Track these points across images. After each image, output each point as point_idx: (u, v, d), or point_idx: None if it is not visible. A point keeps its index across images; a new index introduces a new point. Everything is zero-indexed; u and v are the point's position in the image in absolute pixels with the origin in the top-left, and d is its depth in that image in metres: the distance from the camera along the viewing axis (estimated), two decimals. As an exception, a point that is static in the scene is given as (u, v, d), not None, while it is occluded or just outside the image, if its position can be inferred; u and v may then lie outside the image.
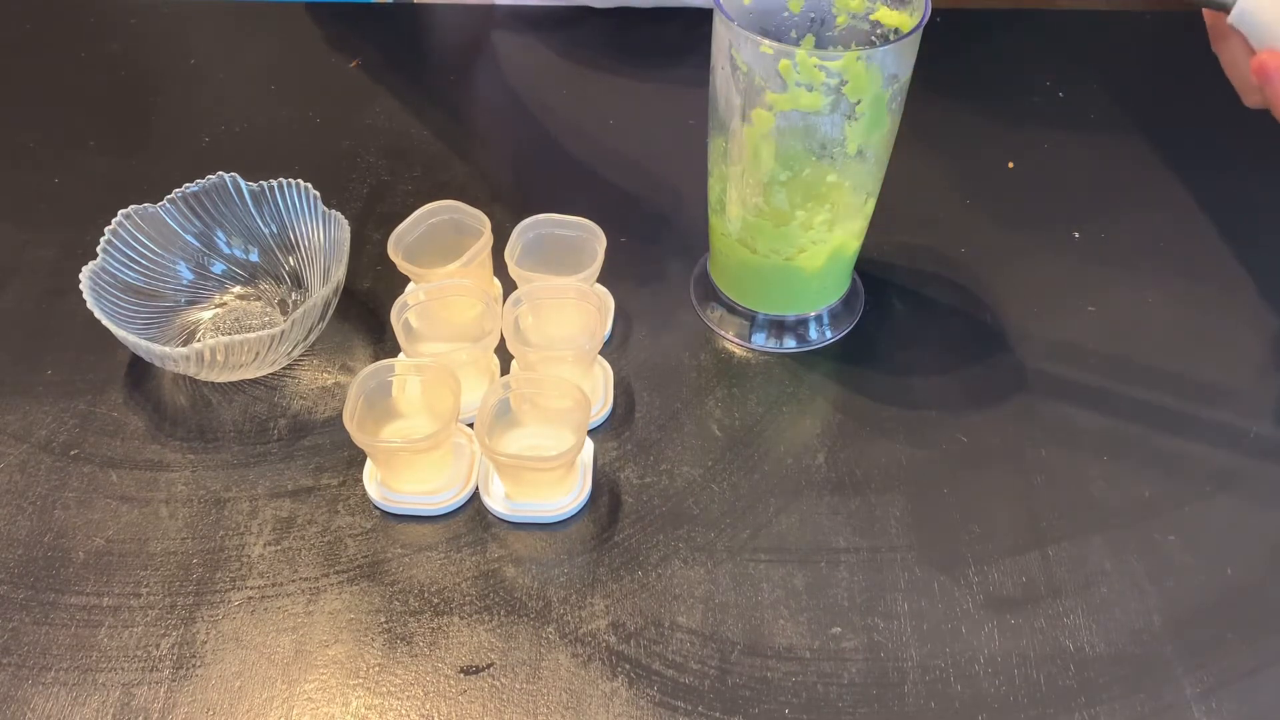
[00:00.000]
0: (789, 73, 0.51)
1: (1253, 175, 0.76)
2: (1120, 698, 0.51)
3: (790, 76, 0.52)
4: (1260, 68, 0.54)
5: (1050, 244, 0.71)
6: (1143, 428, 0.61)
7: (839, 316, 0.66)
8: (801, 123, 0.53)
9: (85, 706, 0.50)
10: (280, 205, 0.66)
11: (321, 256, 0.65)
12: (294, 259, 0.67)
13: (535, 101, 0.81)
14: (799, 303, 0.65)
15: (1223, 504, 0.58)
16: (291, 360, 0.63)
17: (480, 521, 0.57)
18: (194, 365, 0.58)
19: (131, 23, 0.88)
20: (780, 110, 0.53)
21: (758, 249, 0.61)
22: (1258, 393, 0.63)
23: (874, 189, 0.60)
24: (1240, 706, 0.50)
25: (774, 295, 0.64)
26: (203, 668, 0.51)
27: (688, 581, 0.54)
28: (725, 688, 0.51)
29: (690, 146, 0.78)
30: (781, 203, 0.57)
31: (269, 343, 0.58)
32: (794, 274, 0.62)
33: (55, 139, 0.78)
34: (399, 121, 0.80)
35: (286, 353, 0.61)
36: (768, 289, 0.64)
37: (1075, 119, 0.80)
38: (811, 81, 0.52)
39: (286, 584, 0.54)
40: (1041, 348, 0.65)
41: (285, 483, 0.58)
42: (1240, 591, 0.54)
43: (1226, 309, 0.67)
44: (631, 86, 0.83)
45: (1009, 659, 0.52)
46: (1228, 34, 0.57)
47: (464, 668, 0.51)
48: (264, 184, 0.66)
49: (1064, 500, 0.58)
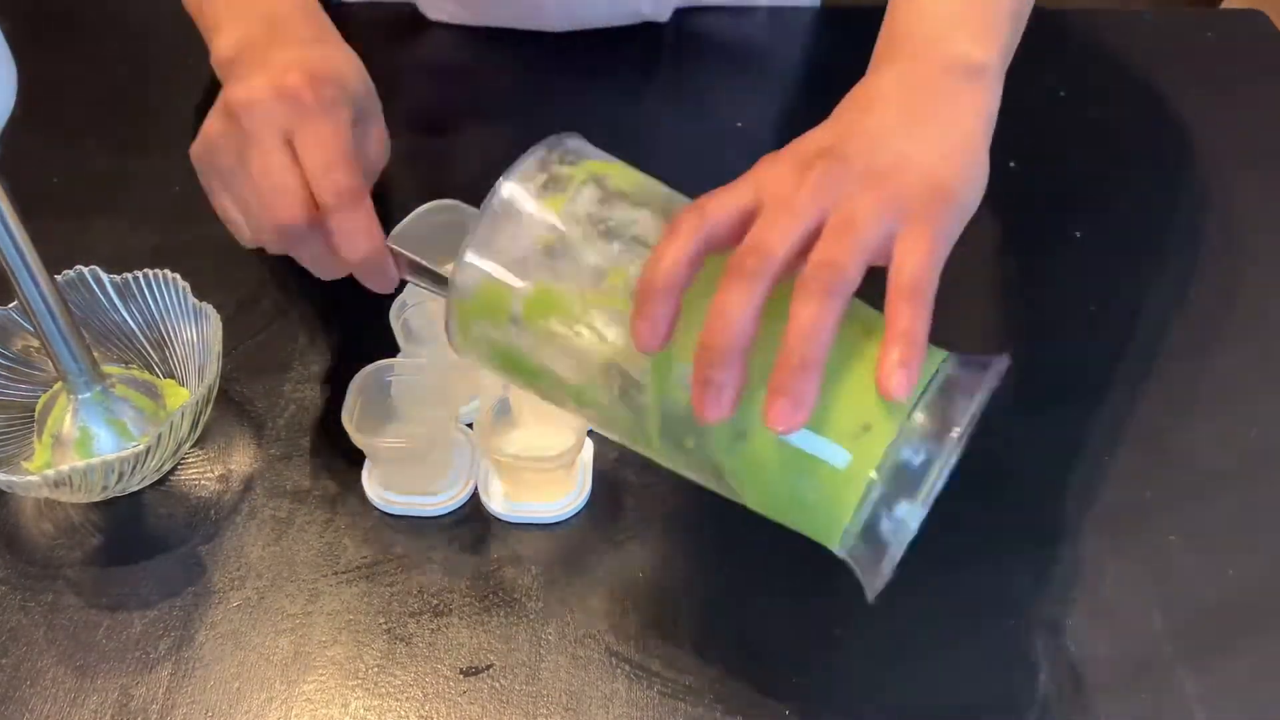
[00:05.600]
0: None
1: (1253, 175, 0.76)
2: (1121, 698, 0.50)
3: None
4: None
5: (1050, 244, 0.71)
6: (1143, 427, 0.61)
7: None
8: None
9: (84, 707, 0.50)
10: (148, 301, 0.61)
11: (195, 354, 0.60)
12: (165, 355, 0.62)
13: (535, 101, 0.81)
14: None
15: (1223, 504, 0.58)
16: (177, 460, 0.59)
17: (480, 522, 0.57)
18: (48, 489, 0.53)
19: (132, 22, 0.88)
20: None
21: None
22: (1258, 393, 0.63)
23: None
24: (1241, 707, 0.50)
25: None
26: (201, 668, 0.51)
27: (688, 582, 0.54)
28: (725, 689, 0.51)
29: (690, 147, 0.78)
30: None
31: (132, 462, 0.53)
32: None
33: (55, 139, 0.78)
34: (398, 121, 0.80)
35: (156, 468, 0.57)
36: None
37: (1075, 119, 0.80)
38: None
39: (285, 585, 0.54)
40: (1041, 347, 0.65)
41: (284, 483, 0.58)
42: (1241, 591, 0.54)
43: (1227, 309, 0.67)
44: (630, 90, 0.83)
45: (1011, 659, 0.52)
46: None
47: (463, 669, 0.51)
48: (127, 277, 0.61)
49: (1064, 500, 0.58)
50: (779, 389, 0.40)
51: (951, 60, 0.48)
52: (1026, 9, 0.53)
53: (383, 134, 0.57)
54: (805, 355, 0.39)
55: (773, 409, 0.40)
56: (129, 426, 0.57)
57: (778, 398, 0.40)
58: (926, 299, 0.41)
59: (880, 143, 0.45)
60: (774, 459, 0.42)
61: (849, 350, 0.42)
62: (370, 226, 0.49)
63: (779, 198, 0.43)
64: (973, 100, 0.48)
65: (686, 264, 0.42)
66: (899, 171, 0.44)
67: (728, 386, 0.40)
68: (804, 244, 0.42)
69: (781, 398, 0.39)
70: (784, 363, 0.40)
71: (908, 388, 0.40)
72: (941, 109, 0.47)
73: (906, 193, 0.43)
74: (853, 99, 0.48)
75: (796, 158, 0.44)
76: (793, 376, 0.39)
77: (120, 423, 0.57)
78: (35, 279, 0.52)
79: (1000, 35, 0.50)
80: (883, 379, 0.40)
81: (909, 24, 0.50)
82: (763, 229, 0.42)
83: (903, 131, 0.45)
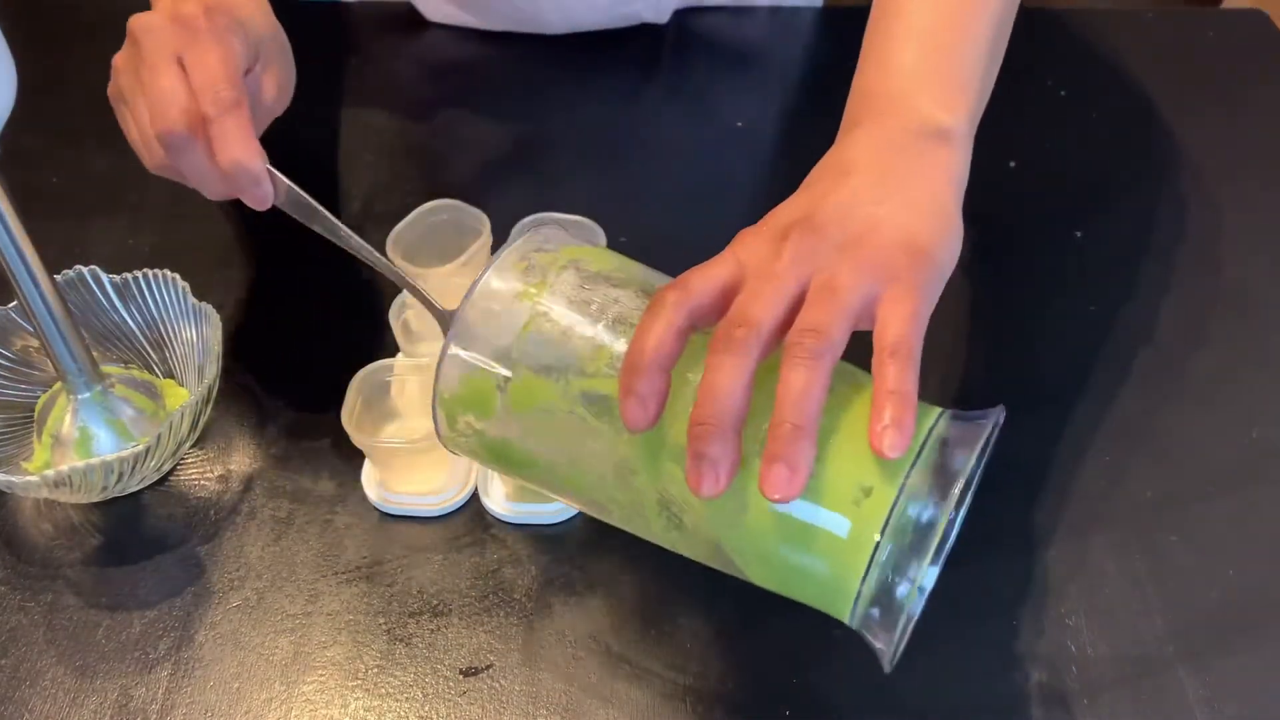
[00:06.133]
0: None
1: (1253, 175, 0.76)
2: (1122, 698, 0.50)
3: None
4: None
5: (1050, 244, 0.71)
6: (1143, 428, 0.61)
7: None
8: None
9: (83, 708, 0.50)
10: (147, 301, 0.61)
11: (194, 354, 0.60)
12: (165, 356, 0.62)
13: (535, 101, 0.81)
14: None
15: (1224, 505, 0.58)
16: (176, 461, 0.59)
17: (480, 522, 0.57)
18: (47, 489, 0.53)
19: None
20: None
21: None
22: (1258, 393, 0.63)
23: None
24: (1242, 707, 0.50)
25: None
26: (201, 669, 0.51)
27: (687, 583, 0.54)
28: (725, 689, 0.51)
29: (690, 147, 0.78)
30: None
31: (132, 462, 0.53)
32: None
33: (55, 139, 0.78)
34: (398, 121, 0.80)
35: (156, 468, 0.57)
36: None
37: (1075, 119, 0.80)
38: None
39: (285, 585, 0.54)
40: (1042, 348, 0.65)
41: (284, 483, 0.58)
42: (1242, 592, 0.54)
43: (1227, 308, 0.67)
44: (631, 90, 0.83)
45: (1011, 659, 0.52)
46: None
47: (463, 669, 0.51)
48: (127, 277, 0.61)
49: (1065, 500, 0.57)
50: (773, 456, 0.39)
51: (919, 122, 0.49)
52: (997, 59, 0.53)
53: (282, 79, 0.60)
54: (798, 421, 0.39)
55: (768, 477, 0.39)
56: (129, 427, 0.57)
57: (773, 465, 0.39)
58: (913, 357, 0.41)
59: (851, 210, 0.45)
60: (774, 531, 0.42)
61: (840, 415, 0.41)
62: (245, 134, 0.51)
63: (759, 270, 0.43)
64: (941, 161, 0.48)
65: (673, 338, 0.41)
66: (873, 235, 0.44)
67: (723, 460, 0.40)
68: (788, 314, 0.42)
69: (777, 464, 0.39)
70: (777, 430, 0.39)
71: (903, 445, 0.39)
72: (911, 171, 0.47)
73: (883, 256, 0.43)
74: (824, 166, 0.49)
75: (773, 230, 0.45)
76: (786, 443, 0.39)
77: (120, 423, 0.57)
78: (35, 279, 0.52)
79: (969, 93, 0.50)
80: (875, 439, 0.39)
81: (877, 80, 0.51)
82: (747, 300, 0.42)
83: (874, 196, 0.46)
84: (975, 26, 0.51)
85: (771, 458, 0.39)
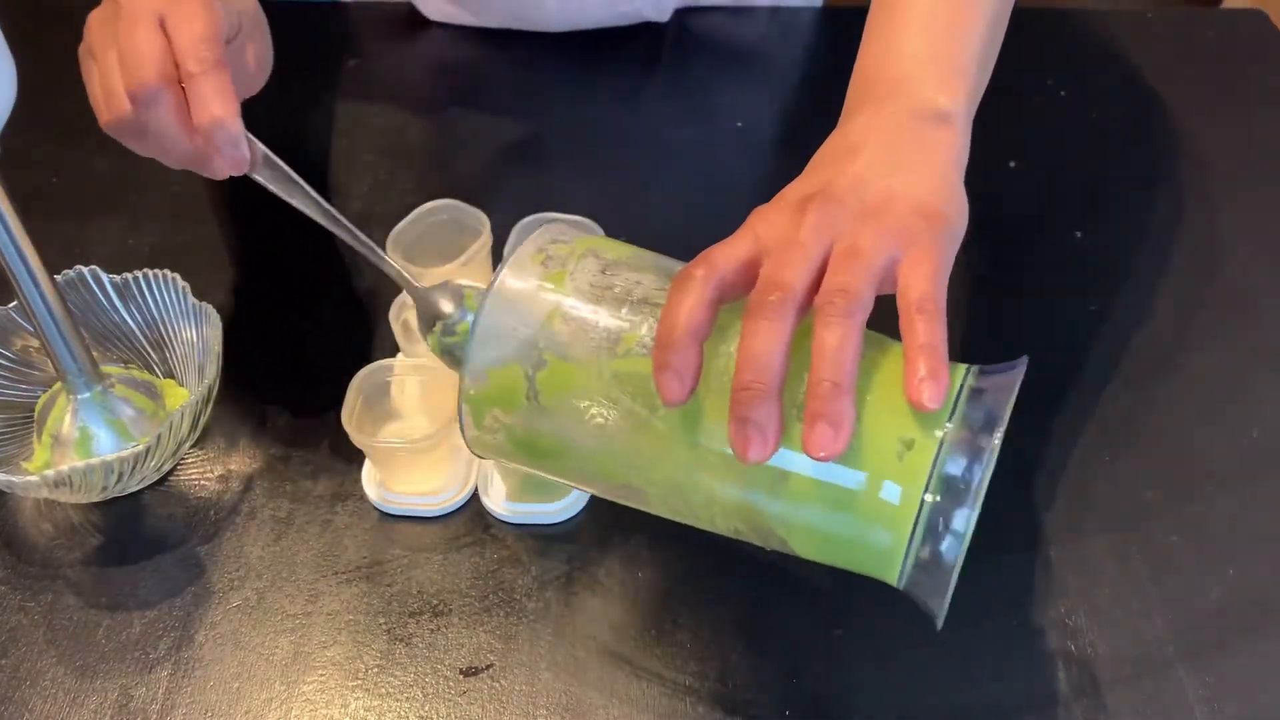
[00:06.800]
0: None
1: (1253, 174, 0.76)
2: (1123, 698, 0.50)
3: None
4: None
5: (1050, 244, 0.71)
6: (1143, 428, 0.61)
7: None
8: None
9: (83, 708, 0.50)
10: (147, 301, 0.61)
11: (194, 354, 0.60)
12: (165, 356, 0.62)
13: (535, 100, 0.81)
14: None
15: (1224, 504, 0.58)
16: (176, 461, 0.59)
17: (480, 522, 0.57)
18: (47, 489, 0.53)
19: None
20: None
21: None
22: (1258, 393, 0.63)
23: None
24: (1242, 707, 0.50)
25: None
26: (201, 669, 0.51)
27: (687, 582, 0.54)
28: (725, 689, 0.51)
29: (691, 147, 0.78)
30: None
31: (132, 462, 0.53)
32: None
33: (55, 139, 0.78)
34: (398, 121, 0.80)
35: (157, 468, 0.57)
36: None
37: (1075, 119, 0.80)
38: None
39: (285, 585, 0.54)
40: (1042, 348, 0.65)
41: (284, 483, 0.58)
42: (1242, 592, 0.54)
43: (1227, 309, 0.67)
44: (631, 89, 0.83)
45: (1010, 659, 0.52)
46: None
47: (463, 669, 0.51)
48: (127, 277, 0.61)
49: (1065, 500, 0.57)
50: (815, 415, 0.39)
51: (920, 105, 0.50)
52: (996, 46, 0.54)
53: (262, 54, 0.60)
54: (836, 378, 0.40)
55: (812, 436, 0.39)
56: (129, 426, 0.57)
57: (816, 423, 0.39)
58: (939, 313, 0.42)
59: (865, 183, 0.46)
60: (817, 495, 0.42)
61: (872, 376, 0.42)
62: (227, 93, 0.50)
63: (782, 240, 0.44)
64: (943, 142, 0.49)
65: (704, 311, 0.42)
66: (890, 204, 0.45)
67: (770, 424, 0.40)
68: (814, 280, 0.43)
69: (820, 422, 0.39)
70: (816, 389, 0.40)
71: (940, 396, 0.40)
72: (915, 150, 0.48)
73: (902, 222, 0.44)
74: (830, 148, 0.50)
75: (790, 205, 0.46)
76: (828, 400, 0.39)
77: (120, 423, 0.57)
78: (35, 279, 0.52)
79: (967, 78, 0.51)
80: (913, 391, 0.40)
81: (878, 66, 0.52)
82: (775, 267, 0.43)
83: (884, 170, 0.47)
84: (974, 13, 0.52)
85: (814, 416, 0.39)
